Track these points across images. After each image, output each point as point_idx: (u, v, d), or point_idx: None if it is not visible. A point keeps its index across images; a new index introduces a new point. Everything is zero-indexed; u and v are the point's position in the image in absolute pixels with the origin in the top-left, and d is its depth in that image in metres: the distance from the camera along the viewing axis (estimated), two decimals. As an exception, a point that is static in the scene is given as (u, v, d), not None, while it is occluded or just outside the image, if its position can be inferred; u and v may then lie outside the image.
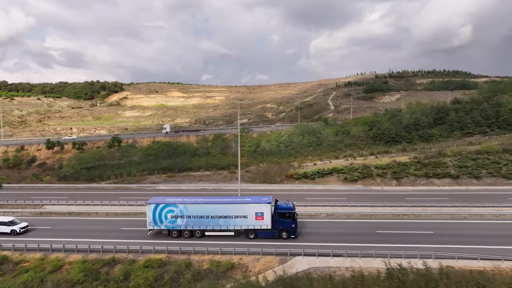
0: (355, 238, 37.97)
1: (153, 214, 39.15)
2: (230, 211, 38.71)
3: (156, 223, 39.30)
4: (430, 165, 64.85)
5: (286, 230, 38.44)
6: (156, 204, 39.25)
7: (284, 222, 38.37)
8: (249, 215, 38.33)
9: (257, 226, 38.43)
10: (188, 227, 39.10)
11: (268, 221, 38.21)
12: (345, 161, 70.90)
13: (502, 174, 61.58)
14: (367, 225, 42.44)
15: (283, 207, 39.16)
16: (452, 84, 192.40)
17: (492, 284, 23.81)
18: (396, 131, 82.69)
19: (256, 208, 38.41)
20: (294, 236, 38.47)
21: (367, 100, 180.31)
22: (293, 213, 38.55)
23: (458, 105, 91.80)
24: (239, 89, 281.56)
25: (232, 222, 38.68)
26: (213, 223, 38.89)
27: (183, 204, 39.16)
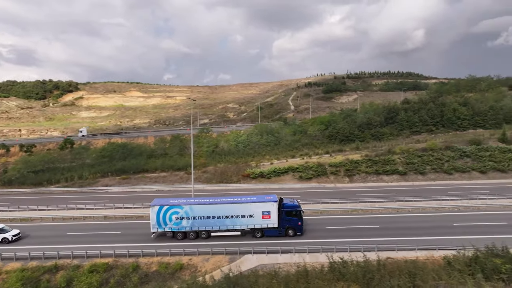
0: (305, 235, 39.01)
1: (157, 216, 38.14)
2: (237, 210, 38.56)
3: (160, 226, 38.35)
4: (380, 162, 67.86)
5: (292, 228, 38.84)
6: (160, 206, 38.30)
7: (290, 220, 38.81)
8: (256, 214, 38.46)
9: (264, 225, 38.67)
10: (194, 228, 38.53)
11: (275, 219, 38.55)
12: (301, 160, 72.44)
13: (444, 170, 65.61)
14: (318, 221, 43.64)
15: (290, 205, 39.60)
16: (405, 85, 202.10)
17: (422, 271, 25.45)
18: (350, 130, 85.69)
19: (263, 207, 38.58)
20: (300, 234, 38.88)
21: (326, 100, 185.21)
22: (299, 210, 39.09)
23: (407, 105, 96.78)
24: (201, 89, 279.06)
25: (239, 222, 38.59)
26: (219, 223, 38.56)
27: (189, 205, 38.59)
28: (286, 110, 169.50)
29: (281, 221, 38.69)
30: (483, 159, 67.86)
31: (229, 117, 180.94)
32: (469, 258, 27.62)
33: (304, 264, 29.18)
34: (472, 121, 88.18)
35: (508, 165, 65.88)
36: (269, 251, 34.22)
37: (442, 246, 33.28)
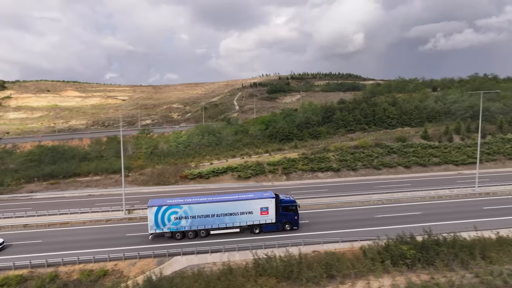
0: (237, 233, 39.34)
1: (155, 217, 37.16)
2: (236, 208, 38.76)
3: (158, 226, 37.42)
4: (316, 160, 70.64)
5: (289, 222, 39.87)
6: (158, 207, 37.38)
7: (287, 215, 39.85)
8: (255, 211, 38.97)
9: (262, 221, 39.26)
10: (193, 227, 38.14)
11: (273, 215, 39.36)
12: (240, 160, 73.10)
13: (374, 166, 69.95)
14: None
15: (287, 200, 40.53)
16: (345, 86, 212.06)
17: (337, 262, 26.98)
18: (289, 130, 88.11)
19: (262, 204, 39.19)
20: (297, 228, 39.90)
21: (271, 100, 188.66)
22: (296, 205, 40.25)
23: (343, 105, 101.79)
24: (145, 88, 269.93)
25: (238, 219, 38.83)
26: (218, 221, 38.51)
27: (188, 205, 38.08)
28: (231, 110, 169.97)
29: (278, 216, 39.71)
30: (408, 154, 73.47)
31: (173, 117, 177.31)
32: (382, 246, 29.74)
33: (229, 262, 29.49)
34: (400, 120, 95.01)
35: (429, 160, 71.96)
36: (198, 251, 34.11)
37: (362, 237, 35.44)
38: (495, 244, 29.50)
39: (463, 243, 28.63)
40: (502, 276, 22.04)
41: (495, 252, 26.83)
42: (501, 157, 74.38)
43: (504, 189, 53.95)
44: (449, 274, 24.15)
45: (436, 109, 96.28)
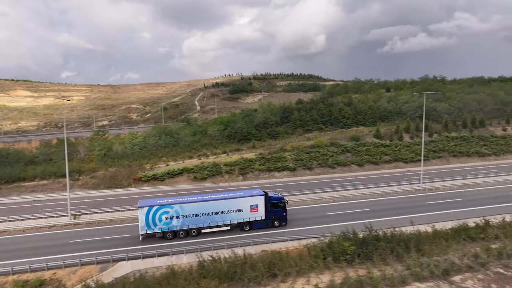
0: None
1: (145, 218, 36.99)
2: (226, 206, 39.22)
3: (149, 227, 37.25)
4: (273, 160, 71.28)
5: (278, 219, 40.81)
6: (149, 207, 37.21)
7: (276, 212, 40.69)
8: (245, 209, 39.59)
9: (252, 218, 39.98)
10: (184, 226, 38.22)
11: (262, 212, 40.15)
12: (197, 161, 72.25)
13: (328, 164, 71.70)
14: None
15: (275, 197, 41.40)
16: (306, 86, 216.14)
17: (281, 261, 27.30)
18: (248, 130, 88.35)
19: (252, 201, 39.89)
20: (285, 224, 40.86)
21: (232, 100, 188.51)
22: (284, 202, 41.27)
23: (300, 105, 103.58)
24: (103, 88, 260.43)
25: (229, 217, 39.31)
26: (209, 220, 38.82)
27: (179, 204, 38.07)
28: (192, 110, 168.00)
29: (268, 213, 40.46)
30: (361, 153, 75.99)
31: (132, 118, 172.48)
32: (326, 244, 30.46)
33: (173, 265, 28.99)
34: (355, 119, 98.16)
35: (380, 158, 74.83)
36: (145, 255, 33.22)
37: (310, 235, 36.13)
38: (430, 237, 31.13)
39: (400, 238, 29.97)
40: (430, 267, 23.22)
41: (428, 245, 28.28)
42: (446, 154, 78.80)
43: (445, 185, 57.13)
44: (384, 268, 25.14)
45: (388, 109, 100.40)
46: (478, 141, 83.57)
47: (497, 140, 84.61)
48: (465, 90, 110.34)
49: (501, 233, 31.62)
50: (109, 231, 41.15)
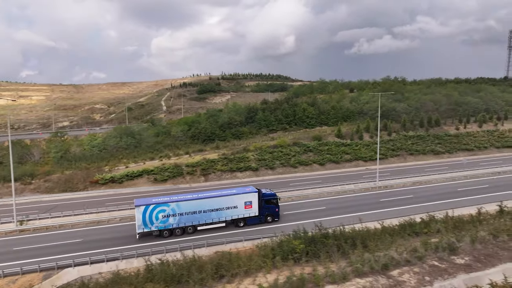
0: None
1: (142, 216, 37.42)
2: (222, 203, 40.18)
3: (146, 225, 37.72)
4: (235, 160, 71.20)
5: (271, 214, 42.16)
6: (146, 206, 37.62)
7: (269, 208, 42.08)
8: (239, 205, 40.69)
9: (246, 215, 41.12)
10: (181, 224, 38.86)
11: (256, 208, 41.36)
12: (159, 162, 70.94)
13: (291, 164, 72.55)
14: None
15: (268, 194, 42.82)
16: (274, 87, 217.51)
17: (229, 262, 27.25)
18: (212, 130, 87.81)
19: (246, 198, 41.00)
20: (278, 219, 42.32)
21: (200, 100, 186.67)
22: (276, 198, 42.79)
23: (265, 105, 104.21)
24: (65, 88, 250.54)
25: (224, 214, 40.29)
26: (205, 217, 39.66)
27: (175, 202, 38.75)
28: (158, 110, 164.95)
29: (261, 209, 41.66)
30: (322, 152, 77.41)
31: (95, 118, 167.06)
32: (276, 243, 30.69)
33: (117, 271, 28.24)
34: (319, 119, 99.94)
35: (341, 157, 76.56)
36: (93, 261, 32.16)
37: (265, 235, 36.32)
38: (377, 233, 32.10)
39: (348, 235, 30.69)
40: (370, 263, 23.93)
41: (373, 241, 29.14)
42: (404, 152, 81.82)
43: (399, 182, 59.32)
44: (329, 265, 25.64)
45: (350, 109, 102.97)
46: (433, 139, 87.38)
47: (451, 138, 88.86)
48: (422, 91, 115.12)
49: (443, 227, 33.11)
50: (59, 237, 39.56)
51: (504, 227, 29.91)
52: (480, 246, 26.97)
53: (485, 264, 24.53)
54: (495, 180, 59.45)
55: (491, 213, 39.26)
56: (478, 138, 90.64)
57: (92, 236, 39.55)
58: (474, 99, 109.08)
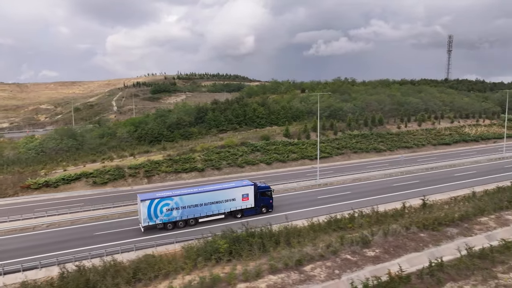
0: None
1: (148, 210, 38.97)
2: (221, 196, 42.50)
3: (151, 219, 39.33)
4: (181, 161, 70.15)
5: (265, 206, 45.13)
6: (151, 200, 39.21)
7: (264, 199, 44.94)
8: (237, 198, 43.20)
9: (244, 206, 43.78)
10: (183, 217, 40.78)
11: (252, 200, 44.10)
12: (100, 164, 68.23)
13: (238, 164, 72.70)
14: (86, 229, 41.49)
15: (263, 186, 45.77)
16: (231, 87, 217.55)
17: (148, 265, 26.74)
18: (159, 131, 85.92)
19: (243, 191, 43.61)
20: (271, 210, 45.34)
21: (153, 100, 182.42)
22: (270, 191, 45.69)
23: (215, 105, 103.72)
24: (7, 87, 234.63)
25: (223, 206, 42.66)
26: (206, 209, 41.79)
27: (178, 196, 40.55)
28: (109, 111, 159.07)
29: (257, 201, 44.36)
30: (270, 152, 78.31)
31: (40, 119, 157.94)
32: (203, 243, 30.54)
33: (27, 280, 26.76)
34: (269, 119, 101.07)
35: (288, 156, 77.87)
36: (6, 271, 30.20)
37: (193, 237, 35.91)
38: (304, 230, 32.91)
39: (274, 233, 31.22)
40: (284, 259, 24.44)
41: (296, 238, 29.85)
42: (348, 151, 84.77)
43: (340, 179, 61.38)
44: (249, 263, 25.86)
45: (300, 109, 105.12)
46: (376, 138, 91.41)
47: (392, 136, 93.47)
48: (368, 92, 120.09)
49: (366, 221, 34.61)
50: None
51: (417, 219, 31.78)
52: (392, 238, 28.46)
53: (392, 255, 25.92)
54: (426, 176, 63.25)
55: (415, 207, 41.73)
56: (417, 136, 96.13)
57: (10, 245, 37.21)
58: (415, 99, 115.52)
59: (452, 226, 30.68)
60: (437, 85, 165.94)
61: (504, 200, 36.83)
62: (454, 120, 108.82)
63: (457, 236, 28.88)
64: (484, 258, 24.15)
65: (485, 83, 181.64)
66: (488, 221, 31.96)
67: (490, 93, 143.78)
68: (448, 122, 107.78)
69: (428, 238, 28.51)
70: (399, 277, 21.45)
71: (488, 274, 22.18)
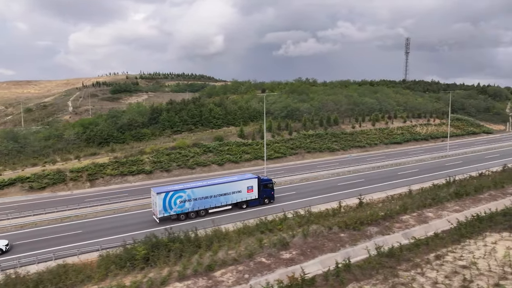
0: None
1: (163, 202, 41.53)
2: (229, 188, 45.49)
3: (166, 210, 41.89)
4: (128, 163, 67.96)
5: (268, 197, 48.30)
6: (166, 193, 41.87)
7: (266, 191, 48.03)
8: (243, 190, 46.32)
9: (249, 198, 46.87)
10: (195, 208, 43.50)
11: (256, 192, 47.19)
12: (41, 168, 64.80)
13: (188, 165, 71.41)
14: (11, 238, 39.00)
15: (265, 179, 49.24)
16: (195, 87, 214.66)
17: (61, 275, 25.34)
18: (109, 132, 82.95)
19: (248, 183, 46.77)
20: (273, 201, 48.60)
21: (113, 101, 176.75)
22: (272, 183, 48.90)
23: (170, 105, 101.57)
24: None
25: (230, 198, 45.66)
26: (215, 201, 44.68)
27: (191, 189, 43.34)
28: (64, 111, 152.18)
29: (260, 193, 47.41)
30: (222, 153, 77.58)
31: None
32: (122, 251, 29.25)
33: None
34: (226, 119, 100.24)
35: (241, 157, 77.45)
36: None
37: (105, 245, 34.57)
38: (230, 233, 32.29)
39: (198, 238, 30.42)
40: (193, 265, 23.68)
41: (218, 242, 29.15)
42: (302, 150, 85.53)
43: (288, 179, 61.32)
44: (162, 270, 24.89)
45: (257, 109, 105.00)
46: (330, 137, 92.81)
47: (346, 136, 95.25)
48: (326, 92, 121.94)
49: (296, 222, 34.46)
50: None
51: (340, 219, 31.96)
52: (312, 239, 28.37)
53: (307, 256, 25.72)
54: (371, 175, 64.62)
55: (351, 206, 42.22)
56: (371, 136, 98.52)
57: None
58: (370, 99, 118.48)
59: (374, 225, 31.01)
60: (395, 86, 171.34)
61: (428, 198, 37.86)
62: (406, 119, 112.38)
63: (376, 235, 29.18)
64: (392, 256, 24.45)
65: (439, 84, 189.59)
66: (409, 218, 32.63)
67: (442, 94, 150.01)
68: (401, 121, 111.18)
69: (347, 238, 28.61)
70: (303, 279, 21.19)
71: (390, 272, 22.39)
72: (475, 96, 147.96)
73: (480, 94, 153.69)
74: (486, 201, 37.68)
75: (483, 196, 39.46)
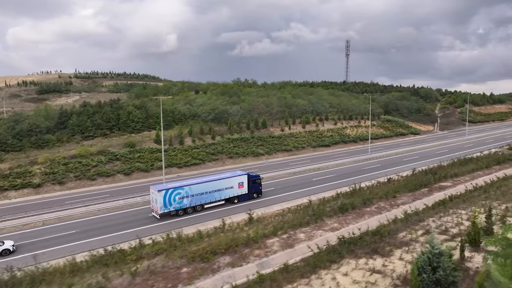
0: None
1: (163, 199, 43.28)
2: (222, 185, 47.78)
3: (166, 206, 43.69)
4: (12, 176, 59.33)
5: (256, 192, 51.08)
6: (166, 190, 43.54)
7: (254, 187, 50.80)
8: (235, 186, 48.88)
9: (240, 193, 49.47)
10: (192, 204, 45.61)
11: (246, 187, 49.92)
12: None
13: (88, 176, 63.97)
14: None
15: (254, 175, 51.57)
16: (135, 87, 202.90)
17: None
18: (3, 139, 72.94)
19: (239, 180, 49.41)
20: (261, 195, 51.41)
21: (38, 102, 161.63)
22: (260, 179, 51.57)
23: (84, 108, 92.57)
24: None
25: (224, 193, 48.09)
26: (210, 197, 47.03)
27: (188, 186, 45.34)
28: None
29: (249, 188, 50.21)
30: (132, 161, 70.83)
31: None
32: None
33: None
34: (146, 123, 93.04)
35: (153, 165, 71.12)
36: None
37: None
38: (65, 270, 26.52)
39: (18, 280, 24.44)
40: None
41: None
42: (223, 156, 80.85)
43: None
44: None
45: (183, 111, 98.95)
46: (257, 141, 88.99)
47: (273, 140, 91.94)
48: (259, 93, 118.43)
49: (155, 250, 29.29)
50: None
51: (199, 246, 27.34)
52: (141, 279, 23.38)
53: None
54: (284, 182, 61.04)
55: (238, 222, 37.94)
56: (299, 139, 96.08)
57: None
58: (303, 101, 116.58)
59: (229, 254, 26.71)
60: (334, 87, 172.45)
61: (310, 214, 34.45)
62: (337, 121, 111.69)
63: (224, 268, 24.80)
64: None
65: (377, 86, 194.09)
66: (276, 242, 28.72)
67: (378, 95, 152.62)
68: (332, 123, 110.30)
69: (187, 274, 23.93)
70: None
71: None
72: (408, 98, 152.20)
73: (413, 96, 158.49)
74: (369, 215, 34.94)
75: (369, 209, 36.80)
